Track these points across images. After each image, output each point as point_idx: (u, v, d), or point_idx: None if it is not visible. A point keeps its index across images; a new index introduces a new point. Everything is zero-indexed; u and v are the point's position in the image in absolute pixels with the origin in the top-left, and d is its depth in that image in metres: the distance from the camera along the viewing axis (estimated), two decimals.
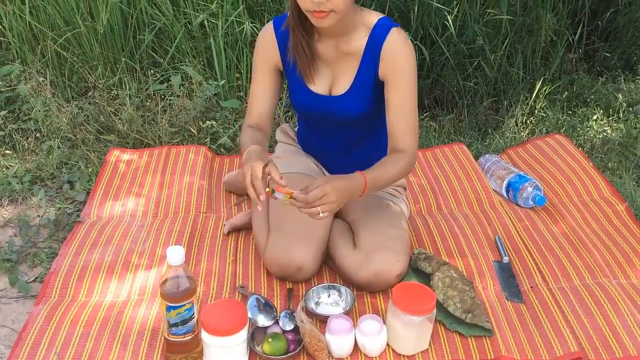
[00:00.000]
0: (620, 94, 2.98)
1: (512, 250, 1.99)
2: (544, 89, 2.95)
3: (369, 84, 1.74)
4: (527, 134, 2.75)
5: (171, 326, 1.51)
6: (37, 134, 2.60)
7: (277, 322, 1.65)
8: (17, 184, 2.29)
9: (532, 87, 2.97)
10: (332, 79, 1.78)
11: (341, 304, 1.73)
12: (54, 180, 2.36)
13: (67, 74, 2.91)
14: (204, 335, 1.51)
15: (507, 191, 2.26)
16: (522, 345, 1.62)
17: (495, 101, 2.97)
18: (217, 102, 2.75)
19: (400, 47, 1.69)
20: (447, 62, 2.89)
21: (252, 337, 1.60)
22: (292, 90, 1.83)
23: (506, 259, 1.93)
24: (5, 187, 2.29)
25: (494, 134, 2.74)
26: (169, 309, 1.48)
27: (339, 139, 1.89)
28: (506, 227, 2.08)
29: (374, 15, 1.72)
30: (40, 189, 2.26)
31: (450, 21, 2.72)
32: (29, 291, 1.84)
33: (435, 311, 1.58)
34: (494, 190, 2.30)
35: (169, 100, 2.72)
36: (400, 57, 1.69)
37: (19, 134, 2.59)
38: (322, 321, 1.67)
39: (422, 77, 2.90)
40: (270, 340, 1.56)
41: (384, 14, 1.77)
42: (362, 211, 1.88)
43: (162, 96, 2.77)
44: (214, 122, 2.62)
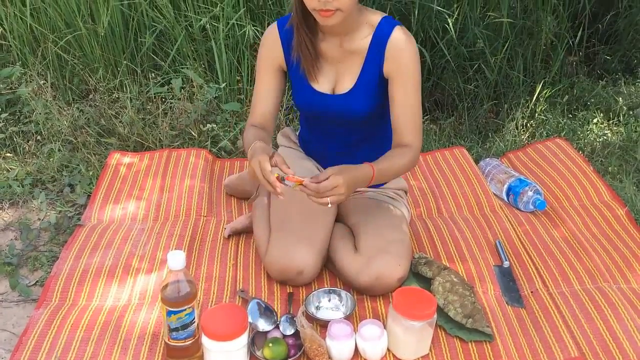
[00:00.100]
0: (620, 97, 2.98)
1: (513, 254, 1.99)
2: (544, 92, 2.95)
3: (373, 81, 1.76)
4: (528, 137, 2.75)
5: (172, 331, 1.51)
6: (38, 137, 2.61)
7: (277, 326, 1.65)
8: (18, 187, 2.30)
9: (532, 90, 2.97)
10: (335, 78, 1.79)
11: (342, 308, 1.74)
12: (54, 183, 2.36)
13: (68, 77, 2.91)
14: (205, 339, 1.51)
15: (508, 195, 2.26)
16: (522, 350, 1.62)
17: (495, 104, 2.98)
18: (218, 105, 2.75)
19: (405, 44, 1.71)
20: (448, 65, 2.89)
21: (253, 342, 1.60)
22: (296, 89, 1.84)
23: (507, 264, 1.93)
24: (6, 190, 2.29)
25: (495, 137, 2.74)
26: (169, 313, 1.49)
27: (341, 139, 1.90)
28: (507, 232, 2.09)
29: (377, 14, 1.75)
30: (41, 192, 2.27)
31: (450, 24, 2.72)
32: (29, 295, 1.85)
33: (435, 316, 1.58)
34: (494, 194, 2.30)
35: (170, 103, 2.72)
36: (405, 54, 1.71)
37: (19, 136, 2.59)
38: (322, 326, 1.67)
39: (423, 80, 2.89)
40: (270, 345, 1.56)
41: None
42: (363, 215, 1.88)
43: (163, 99, 2.77)
44: (215, 125, 2.62)
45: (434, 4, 2.73)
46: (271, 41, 1.81)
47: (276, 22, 1.82)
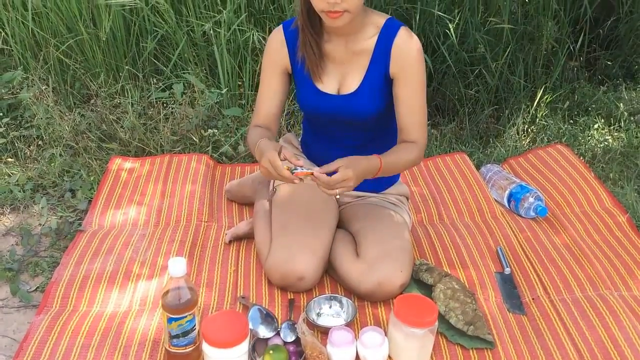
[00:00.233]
0: (621, 103, 2.98)
1: (514, 261, 1.98)
2: (545, 97, 2.95)
3: (379, 82, 1.77)
4: (528, 143, 2.75)
5: (172, 338, 1.51)
6: (39, 142, 2.61)
7: (278, 333, 1.65)
8: (19, 192, 2.30)
9: (533, 96, 2.97)
10: (340, 78, 1.80)
11: (342, 315, 1.73)
12: (55, 188, 2.36)
13: (70, 81, 2.92)
14: (205, 347, 1.51)
15: (509, 201, 2.25)
16: (523, 357, 1.62)
17: (496, 109, 2.98)
18: (219, 110, 2.76)
19: (410, 44, 1.73)
20: (449, 70, 2.89)
21: (253, 349, 1.60)
22: (300, 90, 1.85)
23: (508, 270, 1.93)
24: (7, 195, 2.29)
25: (496, 143, 2.74)
26: (170, 320, 1.48)
27: (344, 143, 1.89)
28: (508, 238, 2.08)
29: (381, 15, 1.77)
30: (42, 197, 2.27)
31: (451, 29, 2.73)
32: (30, 301, 1.84)
33: (437, 323, 1.58)
34: (495, 200, 2.30)
35: (171, 108, 2.72)
36: (410, 54, 1.73)
37: (21, 141, 2.60)
38: (323, 333, 1.67)
39: None
40: (271, 352, 1.56)
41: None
42: (365, 221, 1.88)
43: (164, 104, 2.77)
44: (216, 131, 2.62)
45: (435, 9, 2.74)
46: (277, 43, 1.82)
47: (282, 25, 1.83)
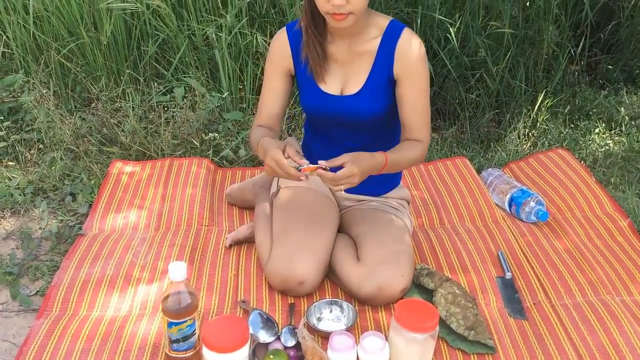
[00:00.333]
0: (622, 107, 2.98)
1: (515, 265, 1.98)
2: (546, 101, 2.95)
3: (382, 83, 1.77)
4: (529, 147, 2.75)
5: (172, 342, 1.50)
6: (40, 145, 2.61)
7: (278, 338, 1.64)
8: (20, 195, 2.30)
9: (534, 100, 2.97)
10: (344, 79, 1.80)
11: (343, 319, 1.73)
12: (56, 192, 2.36)
13: (71, 85, 2.92)
14: (205, 351, 1.51)
15: (510, 206, 2.25)
16: None
17: (497, 113, 2.98)
18: (220, 114, 2.76)
19: (414, 45, 1.74)
20: (449, 74, 2.89)
21: (254, 353, 1.60)
22: (303, 91, 1.85)
23: (509, 275, 1.92)
24: (7, 198, 2.29)
25: (496, 147, 2.74)
26: (170, 325, 1.48)
27: (345, 145, 1.89)
28: (509, 243, 2.08)
29: (384, 17, 1.78)
30: (42, 201, 2.27)
31: (452, 33, 2.73)
32: (30, 305, 1.84)
33: (438, 328, 1.57)
34: (496, 204, 2.29)
35: (172, 112, 2.72)
36: (414, 55, 1.74)
37: (21, 145, 2.60)
38: (324, 337, 1.66)
39: None
40: (271, 356, 1.55)
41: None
42: (366, 225, 1.88)
43: (165, 108, 2.77)
44: (217, 134, 2.62)
45: (436, 14, 2.74)
46: (280, 45, 1.83)
47: (285, 27, 1.84)
